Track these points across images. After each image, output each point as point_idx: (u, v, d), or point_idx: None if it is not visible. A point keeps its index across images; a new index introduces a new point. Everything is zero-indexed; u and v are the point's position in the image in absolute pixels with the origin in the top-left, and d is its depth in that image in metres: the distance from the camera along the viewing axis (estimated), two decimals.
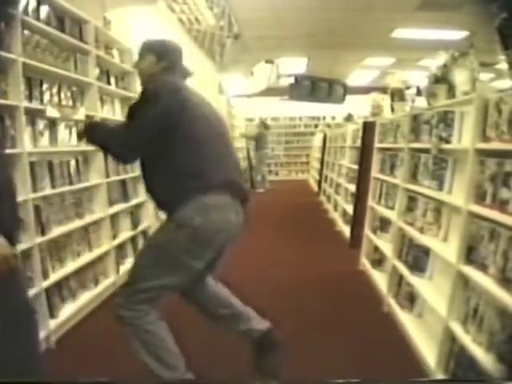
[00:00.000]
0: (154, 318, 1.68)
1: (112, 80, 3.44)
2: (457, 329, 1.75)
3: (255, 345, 1.89)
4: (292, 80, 8.75)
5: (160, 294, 1.69)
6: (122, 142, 1.66)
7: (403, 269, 2.49)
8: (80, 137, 1.83)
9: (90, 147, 2.90)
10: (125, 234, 3.47)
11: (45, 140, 2.50)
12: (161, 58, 1.82)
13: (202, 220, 1.59)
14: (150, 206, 4.03)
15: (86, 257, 2.81)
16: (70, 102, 2.78)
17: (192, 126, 1.66)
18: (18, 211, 1.53)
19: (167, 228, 1.68)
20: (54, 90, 2.62)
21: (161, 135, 1.62)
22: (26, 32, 2.29)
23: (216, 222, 1.63)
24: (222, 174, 1.69)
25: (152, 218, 4.03)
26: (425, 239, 2.23)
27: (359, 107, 7.71)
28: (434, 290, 2.14)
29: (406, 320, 2.40)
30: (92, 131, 1.77)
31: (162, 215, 1.80)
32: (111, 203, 3.21)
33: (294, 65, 8.60)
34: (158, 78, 1.77)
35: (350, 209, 4.58)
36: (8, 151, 2.06)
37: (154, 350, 1.66)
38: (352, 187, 4.57)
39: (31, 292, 2.10)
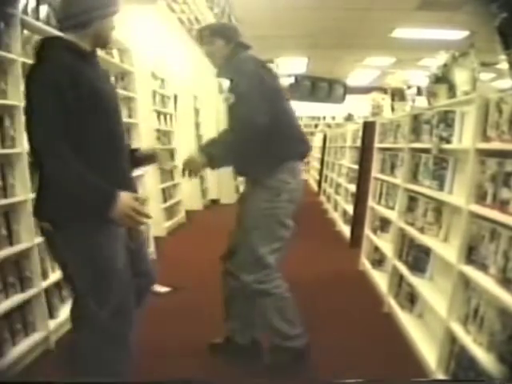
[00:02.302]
0: (286, 286, 1.96)
1: (112, 80, 3.44)
2: (457, 329, 1.74)
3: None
4: (292, 80, 8.74)
5: (277, 255, 1.93)
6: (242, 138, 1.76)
7: (403, 269, 2.49)
8: (194, 173, 1.80)
9: None
10: None
11: None
12: (229, 40, 1.95)
13: (295, 183, 1.89)
14: (150, 206, 4.02)
15: None
16: None
17: (278, 97, 1.88)
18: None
19: (263, 197, 1.86)
20: None
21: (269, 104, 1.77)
22: (26, 32, 2.28)
23: (301, 184, 1.97)
24: (299, 142, 1.96)
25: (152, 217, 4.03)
26: (425, 239, 2.23)
27: (359, 107, 7.71)
28: (434, 291, 2.14)
29: (407, 320, 2.40)
30: (210, 159, 1.78)
31: None
32: None
33: (294, 65, 8.61)
34: (235, 57, 1.91)
35: (350, 209, 4.57)
36: (7, 151, 2.06)
37: (287, 313, 1.91)
38: (352, 187, 4.56)
39: (29, 293, 2.11)
